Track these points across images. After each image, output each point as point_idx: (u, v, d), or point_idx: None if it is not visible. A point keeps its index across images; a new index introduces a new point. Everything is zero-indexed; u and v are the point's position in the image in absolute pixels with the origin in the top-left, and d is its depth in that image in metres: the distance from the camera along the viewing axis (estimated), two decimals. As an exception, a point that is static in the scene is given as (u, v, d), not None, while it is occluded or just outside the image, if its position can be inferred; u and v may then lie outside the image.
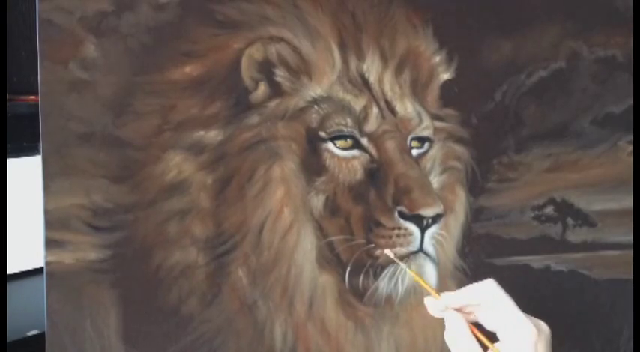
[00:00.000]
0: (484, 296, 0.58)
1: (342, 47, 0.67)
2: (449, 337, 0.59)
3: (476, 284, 0.59)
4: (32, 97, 1.21)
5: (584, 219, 0.78)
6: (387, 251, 0.66)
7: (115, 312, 0.63)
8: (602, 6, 0.77)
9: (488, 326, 0.58)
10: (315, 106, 0.67)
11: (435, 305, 0.60)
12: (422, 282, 0.62)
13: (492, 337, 0.58)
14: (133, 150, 0.62)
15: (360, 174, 0.69)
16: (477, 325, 0.59)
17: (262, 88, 0.65)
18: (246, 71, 0.65)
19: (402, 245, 0.69)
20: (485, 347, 0.57)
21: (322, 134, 0.68)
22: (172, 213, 0.63)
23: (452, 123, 0.73)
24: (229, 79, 0.64)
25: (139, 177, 0.62)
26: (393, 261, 0.69)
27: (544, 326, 0.57)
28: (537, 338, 0.56)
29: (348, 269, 0.69)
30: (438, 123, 0.72)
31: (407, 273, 0.70)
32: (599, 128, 0.78)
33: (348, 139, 0.68)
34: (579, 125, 0.77)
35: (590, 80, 0.77)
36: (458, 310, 0.59)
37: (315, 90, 0.67)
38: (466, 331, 0.58)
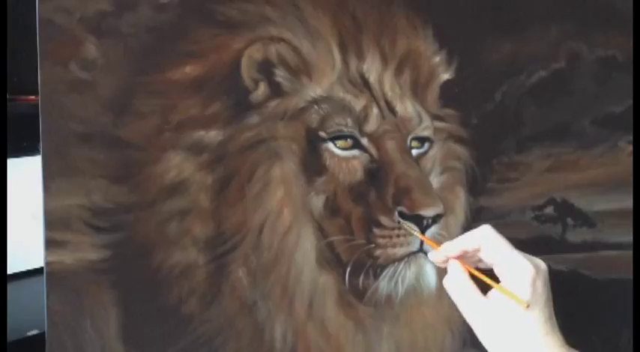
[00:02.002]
0: (481, 239, 0.60)
1: (342, 47, 0.67)
2: (447, 284, 0.61)
3: (473, 230, 0.61)
4: (32, 97, 1.21)
5: (584, 219, 0.78)
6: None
7: (115, 312, 0.63)
8: (603, 6, 0.77)
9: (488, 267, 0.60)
10: (315, 106, 0.67)
11: (436, 256, 0.62)
12: (422, 237, 0.65)
13: (495, 277, 0.59)
14: (133, 151, 0.62)
15: (360, 174, 0.69)
16: (481, 270, 0.61)
17: (262, 88, 0.65)
18: (247, 71, 0.65)
19: (402, 245, 0.69)
20: (487, 288, 0.58)
21: (322, 134, 0.68)
22: (172, 213, 0.63)
23: (452, 124, 0.73)
24: (229, 79, 0.64)
25: (139, 177, 0.62)
26: (393, 262, 0.69)
27: (542, 264, 0.59)
28: (536, 276, 0.57)
29: (349, 270, 0.69)
30: (438, 124, 0.72)
31: (407, 274, 0.70)
32: (599, 128, 0.78)
33: (348, 139, 0.68)
34: (580, 125, 0.77)
35: (590, 80, 0.77)
36: (460, 258, 0.61)
37: (315, 90, 0.67)
38: (464, 278, 0.60)
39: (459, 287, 0.60)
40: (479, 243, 0.60)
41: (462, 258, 0.61)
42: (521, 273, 0.57)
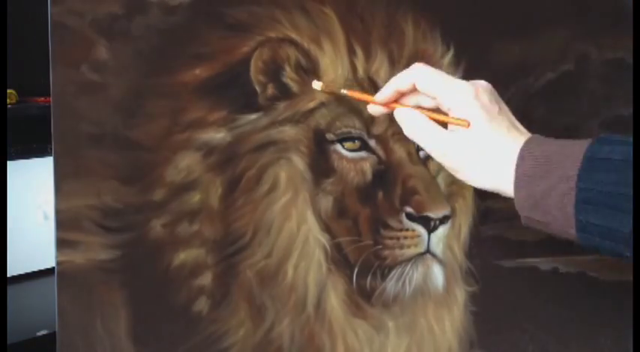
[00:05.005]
0: (415, 74, 0.60)
1: (350, 49, 0.68)
2: (408, 130, 0.61)
3: (404, 70, 0.61)
4: (42, 99, 1.22)
5: (592, 221, 0.78)
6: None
7: (125, 312, 0.63)
8: (612, 7, 0.76)
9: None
10: (324, 108, 0.68)
11: (374, 108, 0.64)
12: (354, 95, 0.65)
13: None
14: (144, 152, 0.62)
15: (367, 176, 0.69)
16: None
17: (271, 90, 0.66)
18: (256, 73, 0.65)
19: (409, 246, 0.69)
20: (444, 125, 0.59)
21: (330, 136, 0.68)
22: (182, 213, 0.64)
23: (460, 125, 0.73)
24: (239, 81, 0.65)
25: (149, 178, 0.63)
26: (400, 263, 0.69)
27: (482, 82, 0.60)
28: (477, 92, 0.58)
29: (356, 271, 0.69)
30: (446, 125, 0.72)
31: (414, 275, 0.70)
32: (608, 131, 0.77)
33: (356, 141, 0.69)
34: (588, 128, 0.77)
35: (599, 82, 0.77)
36: (398, 101, 0.62)
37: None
38: (419, 116, 0.60)
39: (418, 126, 0.60)
40: (413, 79, 0.60)
41: (400, 101, 0.62)
42: (462, 95, 0.57)
